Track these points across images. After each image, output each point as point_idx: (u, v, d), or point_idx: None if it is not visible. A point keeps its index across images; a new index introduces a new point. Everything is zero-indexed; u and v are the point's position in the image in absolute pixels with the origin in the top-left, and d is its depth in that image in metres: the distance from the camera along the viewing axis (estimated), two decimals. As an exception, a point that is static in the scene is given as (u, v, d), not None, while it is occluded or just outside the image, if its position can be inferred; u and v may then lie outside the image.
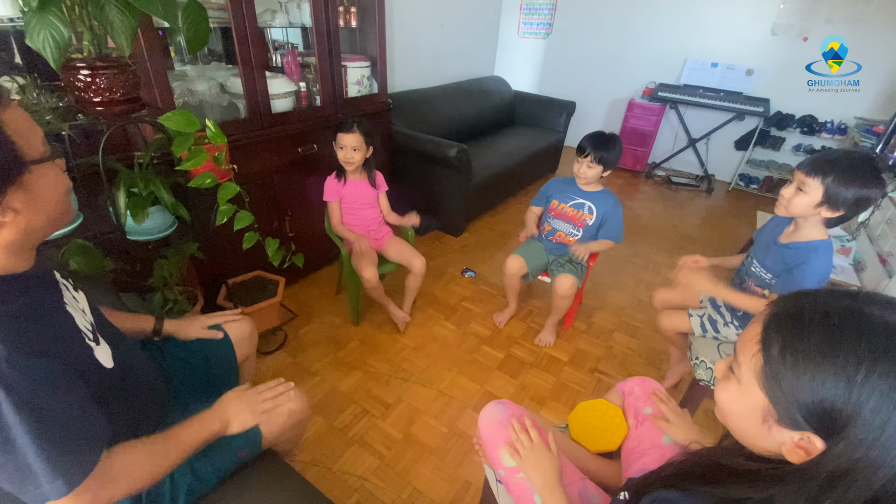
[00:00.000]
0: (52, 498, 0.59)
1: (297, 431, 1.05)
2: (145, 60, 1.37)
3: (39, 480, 0.58)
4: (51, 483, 0.58)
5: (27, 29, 0.92)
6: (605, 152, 1.70)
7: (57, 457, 0.58)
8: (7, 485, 0.59)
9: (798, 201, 1.15)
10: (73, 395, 0.62)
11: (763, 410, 0.47)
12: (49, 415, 0.58)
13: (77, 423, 0.62)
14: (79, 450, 0.62)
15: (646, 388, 0.97)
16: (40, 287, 0.69)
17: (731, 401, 0.52)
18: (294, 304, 2.10)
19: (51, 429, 0.58)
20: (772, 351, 0.46)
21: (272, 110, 1.82)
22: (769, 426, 0.47)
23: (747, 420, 0.50)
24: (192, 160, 1.16)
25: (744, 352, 0.50)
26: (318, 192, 1.84)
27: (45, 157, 0.61)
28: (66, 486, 0.60)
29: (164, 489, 0.84)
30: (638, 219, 3.38)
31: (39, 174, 0.61)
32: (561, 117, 3.86)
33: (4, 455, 0.56)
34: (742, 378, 0.50)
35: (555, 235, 1.92)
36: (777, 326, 0.47)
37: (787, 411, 0.45)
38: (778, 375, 0.45)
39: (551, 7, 4.38)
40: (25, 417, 0.56)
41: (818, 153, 1.16)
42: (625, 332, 2.12)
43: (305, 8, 1.88)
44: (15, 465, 0.57)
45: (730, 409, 0.53)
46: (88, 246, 1.08)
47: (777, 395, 0.46)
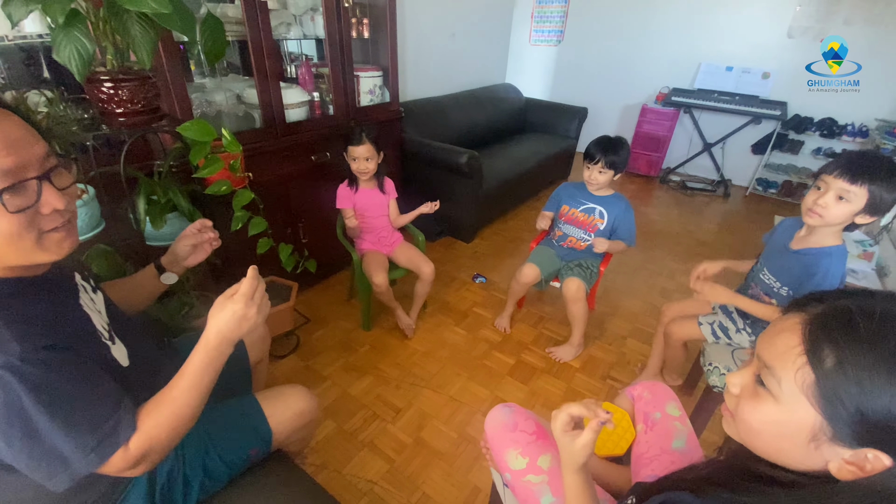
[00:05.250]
0: (83, 472, 0.62)
1: (306, 432, 1.06)
2: (165, 73, 1.43)
3: (69, 460, 0.61)
4: (84, 458, 0.61)
5: (54, 44, 0.97)
6: (615, 156, 1.70)
7: (83, 436, 0.61)
8: (37, 473, 0.61)
9: (839, 211, 1.07)
10: (89, 380, 0.65)
11: (812, 429, 0.44)
12: (68, 400, 0.61)
13: (98, 402, 0.64)
14: (106, 425, 0.64)
15: (656, 393, 0.96)
16: (56, 289, 0.72)
17: (767, 421, 0.47)
18: (307, 309, 2.13)
19: (72, 412, 0.61)
20: (825, 364, 0.42)
21: (286, 120, 1.87)
22: (818, 444, 0.44)
23: (788, 439, 0.46)
24: (208, 168, 1.20)
25: (783, 366, 0.45)
26: (330, 199, 1.87)
27: None
28: (98, 459, 0.63)
29: (177, 486, 0.86)
30: (652, 224, 3.34)
31: None
32: (573, 123, 3.86)
33: (31, 443, 0.59)
34: (783, 395, 0.45)
35: (566, 241, 1.91)
36: (827, 336, 0.43)
37: (850, 428, 0.41)
38: (838, 391, 0.41)
39: (563, 14, 4.40)
40: (45, 405, 0.58)
41: (843, 157, 1.08)
42: (638, 338, 2.10)
43: (319, 20, 1.93)
44: (42, 452, 0.60)
45: (764, 429, 0.48)
46: (109, 251, 1.12)
47: (838, 412, 0.42)
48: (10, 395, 0.57)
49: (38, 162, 0.61)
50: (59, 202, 0.62)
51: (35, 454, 0.60)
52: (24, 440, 0.59)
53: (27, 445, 0.59)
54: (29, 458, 0.60)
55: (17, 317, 0.61)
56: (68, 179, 0.65)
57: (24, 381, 0.57)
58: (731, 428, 0.53)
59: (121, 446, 0.65)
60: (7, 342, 0.58)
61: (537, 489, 0.81)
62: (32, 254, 0.62)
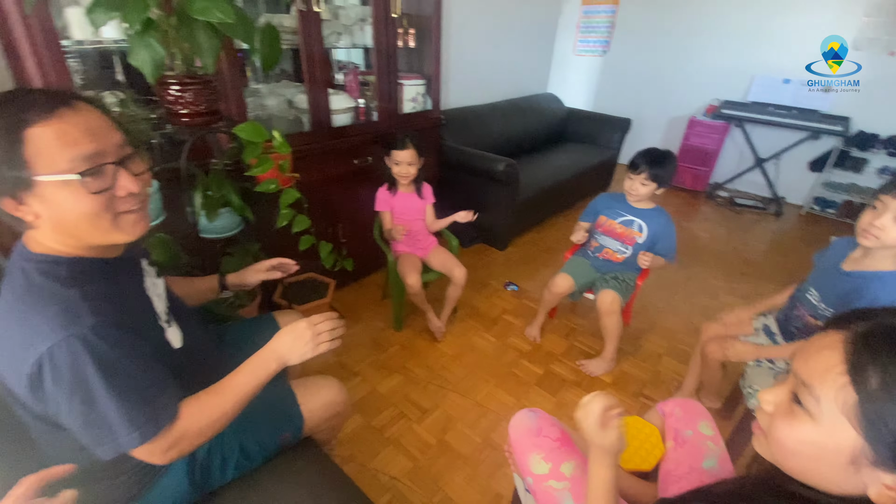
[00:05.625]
0: (130, 447, 0.68)
1: (336, 423, 1.10)
2: (224, 78, 1.53)
3: (117, 433, 0.66)
4: (127, 435, 0.66)
5: (130, 49, 1.06)
6: (660, 169, 1.66)
7: (133, 412, 0.67)
8: (88, 438, 0.67)
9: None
10: (146, 362, 0.71)
11: (853, 451, 0.42)
12: (126, 377, 0.67)
13: (152, 383, 0.70)
14: (155, 404, 0.70)
15: (688, 410, 0.93)
16: (125, 272, 0.80)
17: (803, 441, 0.46)
18: (342, 306, 2.20)
19: (127, 388, 0.66)
20: (870, 385, 0.41)
21: (332, 124, 1.95)
22: (857, 468, 0.42)
23: (825, 461, 0.44)
24: (259, 167, 1.28)
25: (822, 384, 0.44)
26: (369, 201, 1.93)
27: (58, 174, 0.62)
28: (142, 436, 0.68)
29: (214, 464, 0.91)
30: (696, 240, 3.22)
31: (52, 188, 0.62)
32: (615, 135, 3.79)
33: (88, 409, 0.65)
34: (822, 415, 0.44)
35: (602, 252, 1.88)
36: (872, 356, 0.41)
37: (893, 452, 0.40)
38: (882, 413, 0.40)
39: (609, 25, 4.35)
40: (106, 378, 0.64)
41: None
42: (675, 357, 2.02)
43: (368, 30, 2.01)
44: (96, 419, 0.66)
45: (800, 449, 0.46)
46: (169, 240, 1.22)
47: (881, 434, 0.40)
48: (78, 363, 0.63)
49: (115, 149, 0.67)
50: (134, 186, 0.69)
51: (89, 420, 0.66)
52: (82, 406, 0.65)
53: (83, 411, 0.65)
54: (83, 423, 0.66)
55: (93, 293, 0.68)
56: (142, 167, 0.72)
57: (92, 353, 0.63)
58: (763, 447, 0.52)
59: (161, 430, 0.70)
60: (84, 315, 0.64)
61: (559, 495, 0.80)
62: (109, 233, 0.69)
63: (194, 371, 0.90)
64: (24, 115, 0.60)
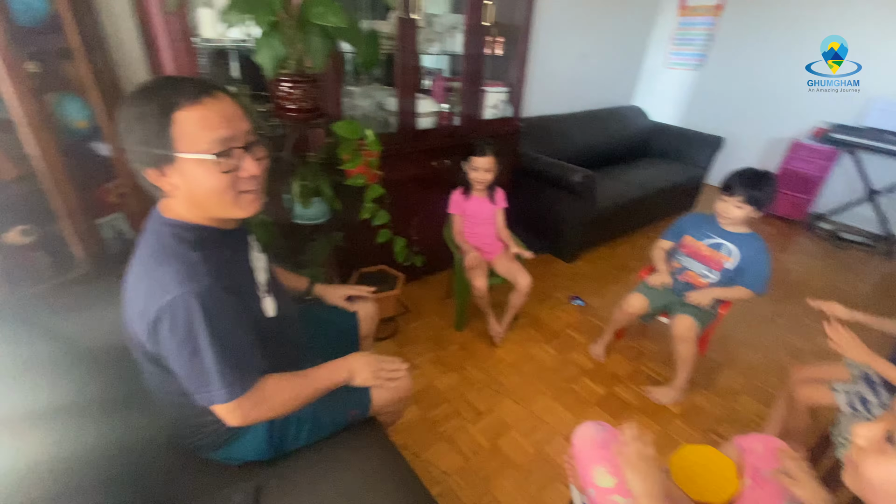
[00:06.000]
0: (218, 401, 0.77)
1: (398, 407, 1.15)
2: (327, 78, 1.66)
3: (212, 385, 0.76)
4: (220, 389, 0.76)
5: (256, 48, 1.19)
6: (758, 191, 1.54)
7: (228, 369, 0.76)
8: (190, 384, 0.77)
9: None
10: (245, 328, 0.80)
11: None
12: (228, 337, 0.76)
13: (245, 349, 0.79)
14: (244, 369, 0.79)
15: (770, 447, 0.86)
16: (239, 244, 0.91)
17: (891, 481, 0.45)
18: (408, 300, 2.28)
19: (227, 348, 0.75)
20: None
21: (417, 127, 2.04)
22: None
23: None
24: (351, 162, 1.38)
25: None
26: (443, 203, 1.99)
27: (197, 153, 0.71)
28: (229, 394, 0.77)
29: (290, 428, 0.99)
30: (788, 273, 2.93)
31: (190, 165, 0.71)
32: (704, 153, 3.56)
33: (193, 359, 0.74)
34: None
35: (683, 274, 1.78)
36: None
37: None
38: None
39: (707, 37, 4.10)
40: (213, 335, 0.73)
41: None
42: (755, 396, 1.86)
43: (458, 38, 2.08)
44: (199, 370, 0.75)
45: (886, 488, 0.45)
46: (268, 222, 1.35)
47: None
48: (192, 317, 0.72)
49: (244, 135, 0.77)
50: (255, 169, 0.78)
51: (192, 369, 0.75)
52: (190, 356, 0.74)
53: (189, 361, 0.74)
54: (188, 371, 0.75)
55: (211, 258, 0.77)
56: (262, 152, 0.81)
57: (204, 309, 0.73)
58: (851, 479, 0.51)
59: (245, 392, 0.78)
60: (202, 275, 0.74)
61: None
62: (231, 209, 0.78)
63: (280, 340, 0.99)
64: (174, 99, 0.69)
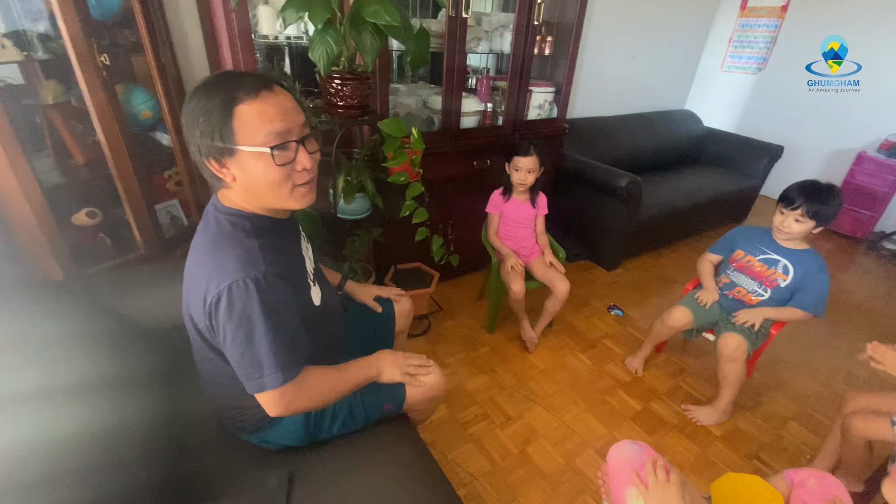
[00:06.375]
0: (269, 387, 0.79)
1: (431, 405, 1.15)
2: (376, 76, 1.68)
3: (264, 371, 0.78)
4: (271, 374, 0.78)
5: (310, 45, 1.22)
6: (821, 205, 1.43)
7: (282, 353, 0.78)
8: (241, 370, 0.79)
9: None
10: (296, 317, 0.82)
11: None
12: (281, 324, 0.78)
13: (297, 335, 0.81)
14: (295, 355, 0.81)
15: (824, 485, 0.80)
16: (291, 233, 0.93)
17: None
18: (441, 299, 2.28)
19: (280, 335, 0.77)
20: None
21: (460, 126, 2.03)
22: None
23: None
24: (395, 160, 1.39)
25: None
26: (481, 203, 1.98)
27: (252, 147, 0.72)
28: (280, 378, 0.79)
29: (326, 417, 1.01)
30: (848, 295, 2.71)
31: (248, 157, 0.73)
32: (761, 162, 3.36)
33: (246, 345, 0.76)
34: None
35: (733, 290, 1.68)
36: None
37: None
38: None
39: (769, 40, 3.85)
40: (268, 321, 0.75)
41: None
42: (804, 424, 1.73)
43: (507, 37, 2.06)
44: (251, 355, 0.77)
45: None
46: (314, 215, 1.38)
47: None
48: (249, 302, 0.74)
49: (299, 129, 0.78)
50: (309, 162, 0.79)
51: (245, 355, 0.77)
52: (243, 341, 0.76)
53: (243, 346, 0.76)
54: (241, 356, 0.77)
55: (267, 245, 0.80)
56: (315, 146, 0.83)
57: (261, 295, 0.75)
58: (891, 492, 0.49)
59: (293, 378, 0.80)
60: (259, 261, 0.76)
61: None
62: (285, 200, 0.80)
63: (326, 329, 1.01)
64: (235, 93, 0.71)
